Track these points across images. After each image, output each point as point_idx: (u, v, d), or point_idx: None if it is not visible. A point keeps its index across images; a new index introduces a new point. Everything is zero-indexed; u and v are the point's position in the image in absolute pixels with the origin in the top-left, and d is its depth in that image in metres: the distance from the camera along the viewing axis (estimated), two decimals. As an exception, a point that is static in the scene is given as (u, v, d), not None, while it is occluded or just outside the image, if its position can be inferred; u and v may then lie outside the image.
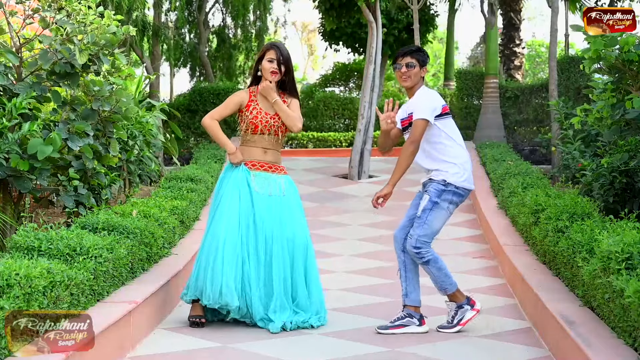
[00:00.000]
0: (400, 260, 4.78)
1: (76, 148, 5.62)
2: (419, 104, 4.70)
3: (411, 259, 4.75)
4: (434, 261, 4.68)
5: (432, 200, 4.65)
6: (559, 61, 13.47)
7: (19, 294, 3.46)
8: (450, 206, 4.70)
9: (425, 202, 4.66)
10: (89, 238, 4.50)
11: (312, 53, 40.04)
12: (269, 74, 4.90)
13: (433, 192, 4.66)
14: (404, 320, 4.71)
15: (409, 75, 4.73)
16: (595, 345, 3.61)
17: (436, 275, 4.70)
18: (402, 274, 4.77)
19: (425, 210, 4.65)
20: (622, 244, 3.89)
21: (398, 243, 4.78)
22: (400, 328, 4.69)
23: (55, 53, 5.59)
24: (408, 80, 4.74)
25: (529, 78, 27.06)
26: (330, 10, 14.38)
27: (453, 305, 4.75)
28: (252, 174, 4.91)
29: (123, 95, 6.14)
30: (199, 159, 11.51)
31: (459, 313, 4.73)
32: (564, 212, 5.50)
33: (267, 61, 4.89)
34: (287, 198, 4.93)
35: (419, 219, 4.66)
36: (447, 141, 4.72)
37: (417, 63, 4.74)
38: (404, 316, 4.72)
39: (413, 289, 4.75)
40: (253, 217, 4.84)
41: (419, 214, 4.66)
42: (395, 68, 4.80)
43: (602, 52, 5.36)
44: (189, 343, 4.49)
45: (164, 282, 5.03)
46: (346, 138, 15.56)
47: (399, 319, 4.72)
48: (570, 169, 8.56)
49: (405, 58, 4.75)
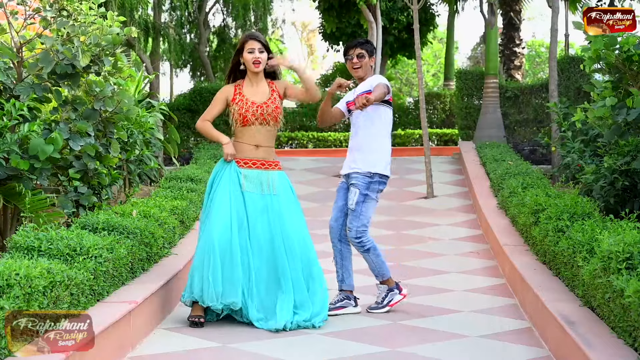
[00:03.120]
0: (336, 249, 5.24)
1: (78, 148, 5.62)
2: (376, 79, 5.12)
3: (348, 247, 5.22)
4: (373, 249, 5.11)
5: (362, 193, 5.07)
6: (559, 61, 13.46)
7: (19, 294, 3.46)
8: (377, 195, 5.15)
9: (356, 196, 5.07)
10: (89, 238, 4.50)
11: (312, 53, 40.05)
12: (253, 65, 4.89)
13: (362, 185, 5.08)
14: (342, 302, 5.15)
15: (360, 65, 5.17)
16: (595, 345, 3.61)
17: (375, 262, 5.14)
18: (337, 261, 5.24)
19: (358, 203, 5.07)
20: (623, 243, 3.89)
21: (334, 233, 5.23)
22: (340, 309, 5.12)
23: (57, 54, 5.59)
24: (360, 70, 5.18)
25: (529, 78, 27.07)
26: (330, 11, 14.39)
27: (385, 287, 5.18)
28: (243, 174, 4.89)
29: (124, 95, 6.14)
30: (198, 159, 11.51)
31: (389, 295, 5.17)
32: (564, 212, 5.49)
33: (248, 52, 4.89)
34: (279, 196, 4.89)
35: (353, 212, 5.07)
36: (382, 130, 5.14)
37: (367, 53, 5.17)
38: (342, 299, 5.17)
39: (348, 275, 5.22)
40: (246, 217, 4.84)
41: (352, 207, 5.07)
42: (347, 59, 5.21)
43: (602, 51, 5.35)
44: (189, 343, 4.49)
45: (164, 282, 5.02)
46: (346, 138, 15.57)
47: (338, 301, 5.15)
48: (570, 169, 8.55)
49: (355, 49, 5.17)
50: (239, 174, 4.89)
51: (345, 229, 5.18)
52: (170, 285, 5.16)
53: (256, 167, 4.92)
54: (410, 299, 5.45)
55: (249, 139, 4.92)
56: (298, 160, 13.09)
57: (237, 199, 4.84)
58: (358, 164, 5.14)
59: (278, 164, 5.01)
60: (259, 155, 4.92)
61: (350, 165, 5.20)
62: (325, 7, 14.45)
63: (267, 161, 4.95)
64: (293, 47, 50.17)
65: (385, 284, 5.19)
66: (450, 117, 18.61)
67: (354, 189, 5.10)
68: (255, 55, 4.88)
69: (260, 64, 4.90)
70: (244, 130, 4.93)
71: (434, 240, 7.83)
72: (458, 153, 13.21)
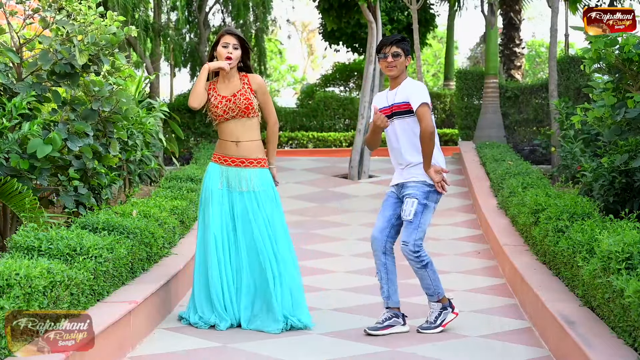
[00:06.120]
0: (380, 263, 4.77)
1: (76, 148, 5.61)
2: (415, 91, 4.68)
3: (393, 260, 4.78)
4: (430, 264, 4.70)
5: (420, 203, 4.64)
6: (559, 61, 13.45)
7: (19, 294, 3.46)
8: (435, 205, 4.73)
9: (415, 206, 4.63)
10: (89, 238, 4.49)
11: (312, 53, 40.02)
12: (224, 60, 4.84)
13: (420, 195, 4.65)
14: (391, 321, 4.73)
15: (395, 64, 4.71)
16: (595, 345, 3.61)
17: (432, 278, 4.70)
18: (382, 276, 4.77)
19: (417, 214, 4.63)
20: (622, 243, 3.88)
21: (378, 245, 4.76)
22: (388, 329, 4.71)
23: (56, 53, 5.58)
24: (394, 69, 4.72)
25: (529, 78, 27.05)
26: (330, 10, 14.36)
27: (438, 306, 4.76)
28: (222, 173, 4.90)
29: (123, 95, 6.13)
30: (199, 158, 11.50)
31: (443, 314, 4.76)
32: (564, 212, 5.48)
33: (222, 46, 4.85)
34: (258, 194, 4.85)
35: (411, 224, 4.63)
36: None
37: (403, 52, 4.72)
38: (390, 317, 4.75)
39: (394, 290, 4.77)
40: (232, 219, 4.86)
41: (410, 219, 4.63)
42: (380, 57, 4.76)
43: (602, 51, 5.35)
44: (189, 343, 4.49)
45: (164, 282, 5.02)
46: (346, 138, 15.56)
47: (385, 320, 4.74)
48: (570, 168, 8.54)
49: (391, 47, 4.71)
50: (220, 172, 4.90)
51: (389, 240, 4.75)
52: (170, 285, 5.16)
53: (235, 164, 4.90)
54: (411, 298, 5.45)
55: (229, 135, 4.89)
56: (298, 160, 13.08)
57: (223, 203, 4.85)
58: (412, 173, 4.70)
59: (260, 162, 4.92)
60: (239, 153, 4.88)
61: (403, 175, 4.74)
62: (324, 7, 14.44)
63: (247, 159, 4.90)
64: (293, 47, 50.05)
65: (440, 301, 4.77)
66: (450, 117, 18.60)
67: (410, 200, 4.64)
68: (229, 50, 4.83)
69: (231, 60, 4.83)
70: (222, 127, 4.92)
71: (433, 240, 7.82)
72: (458, 153, 13.20)
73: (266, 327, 4.73)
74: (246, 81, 4.93)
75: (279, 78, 34.20)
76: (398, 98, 4.71)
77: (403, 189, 4.73)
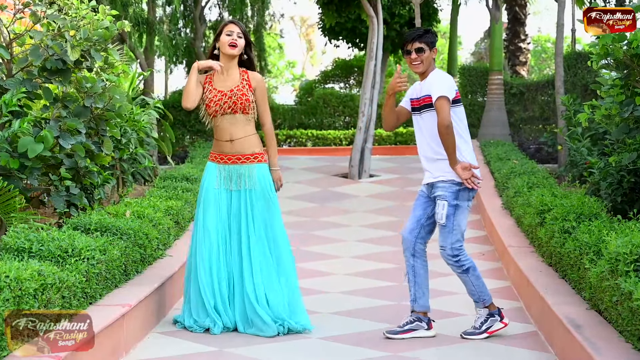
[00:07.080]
0: (409, 265, 4.64)
1: (68, 146, 5.51)
2: (435, 83, 4.51)
3: (422, 263, 4.64)
4: (473, 269, 4.53)
5: (451, 204, 4.49)
6: (565, 57, 13.34)
7: (9, 296, 3.42)
8: (469, 202, 4.56)
9: (445, 209, 4.48)
10: (81, 239, 4.44)
11: (311, 49, 39.95)
12: (227, 47, 4.74)
13: (449, 196, 4.49)
14: (412, 325, 4.60)
15: (420, 60, 4.57)
16: (602, 349, 3.57)
17: (475, 283, 4.55)
18: (410, 278, 4.64)
19: (449, 216, 4.48)
20: (631, 245, 3.84)
21: (408, 246, 4.63)
22: (409, 333, 4.58)
23: (47, 49, 5.48)
24: (420, 66, 4.58)
25: (534, 74, 26.93)
26: (330, 5, 14.25)
27: (485, 312, 4.61)
28: (219, 171, 4.81)
29: (116, 92, 6.03)
30: (194, 157, 11.42)
31: (489, 321, 4.60)
32: (570, 212, 5.42)
33: (226, 34, 4.76)
34: (255, 192, 4.76)
35: (444, 228, 4.49)
36: (457, 129, 4.52)
37: (427, 46, 4.56)
38: (412, 320, 4.61)
39: (422, 294, 4.63)
40: (228, 218, 4.78)
41: (443, 223, 4.48)
42: (405, 54, 4.64)
43: (610, 47, 5.27)
44: (185, 347, 4.42)
45: (158, 284, 4.94)
46: (346, 136, 15.43)
47: (407, 324, 4.61)
48: (577, 166, 8.44)
49: (414, 43, 4.57)
50: (216, 171, 4.81)
51: (419, 242, 4.62)
52: (164, 287, 5.09)
53: (232, 162, 4.80)
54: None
55: (223, 133, 4.79)
56: (297, 159, 12.99)
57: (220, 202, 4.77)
58: (440, 170, 4.53)
59: (258, 157, 4.81)
60: (234, 150, 4.79)
61: (433, 174, 4.57)
62: (324, 2, 14.32)
63: (243, 155, 4.80)
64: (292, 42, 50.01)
65: (487, 307, 4.61)
66: (452, 115, 18.48)
67: (441, 202, 4.48)
68: (233, 38, 4.75)
69: (236, 47, 4.75)
70: (215, 125, 4.83)
71: (436, 242, 7.71)
72: (461, 151, 13.11)
73: (261, 331, 4.64)
74: (246, 77, 4.84)
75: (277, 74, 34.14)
76: (424, 91, 4.60)
77: (433, 189, 4.59)
